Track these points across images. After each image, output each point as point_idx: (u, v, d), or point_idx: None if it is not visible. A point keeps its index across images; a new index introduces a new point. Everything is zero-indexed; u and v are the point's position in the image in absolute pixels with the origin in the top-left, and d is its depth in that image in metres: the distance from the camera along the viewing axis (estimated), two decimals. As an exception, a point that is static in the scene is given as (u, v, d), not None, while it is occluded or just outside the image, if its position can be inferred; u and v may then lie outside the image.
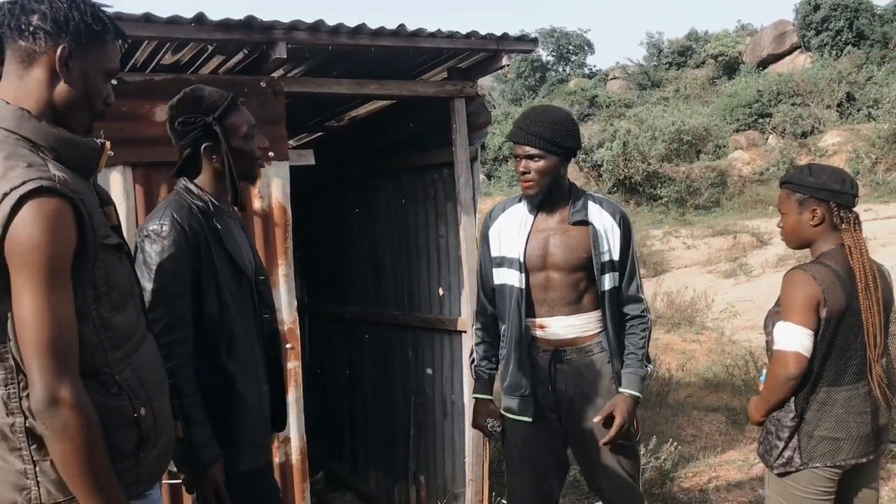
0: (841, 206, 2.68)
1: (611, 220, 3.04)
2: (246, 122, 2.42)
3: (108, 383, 1.76)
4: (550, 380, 3.05)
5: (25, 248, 1.57)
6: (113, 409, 1.75)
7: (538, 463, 3.12)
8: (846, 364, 2.65)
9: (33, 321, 1.58)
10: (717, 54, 30.69)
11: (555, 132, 2.91)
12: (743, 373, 7.31)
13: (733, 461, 5.48)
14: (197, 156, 2.38)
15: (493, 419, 3.15)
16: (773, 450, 2.73)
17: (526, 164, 2.95)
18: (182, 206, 2.33)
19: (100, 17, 1.77)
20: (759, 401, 2.76)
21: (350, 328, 6.05)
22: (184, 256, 2.25)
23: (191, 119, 2.34)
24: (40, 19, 1.70)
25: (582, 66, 40.42)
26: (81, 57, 1.75)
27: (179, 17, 3.41)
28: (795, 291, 2.62)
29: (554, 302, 3.02)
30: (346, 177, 5.91)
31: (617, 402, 2.99)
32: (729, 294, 11.49)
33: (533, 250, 3.00)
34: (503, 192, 24.21)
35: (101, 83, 1.81)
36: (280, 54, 3.62)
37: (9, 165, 1.61)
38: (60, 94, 1.75)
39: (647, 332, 3.09)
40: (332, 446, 6.37)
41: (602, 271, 2.99)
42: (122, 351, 1.80)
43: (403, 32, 3.89)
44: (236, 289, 2.39)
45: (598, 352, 3.05)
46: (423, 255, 5.08)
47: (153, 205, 3.56)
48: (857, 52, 25.69)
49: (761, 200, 19.17)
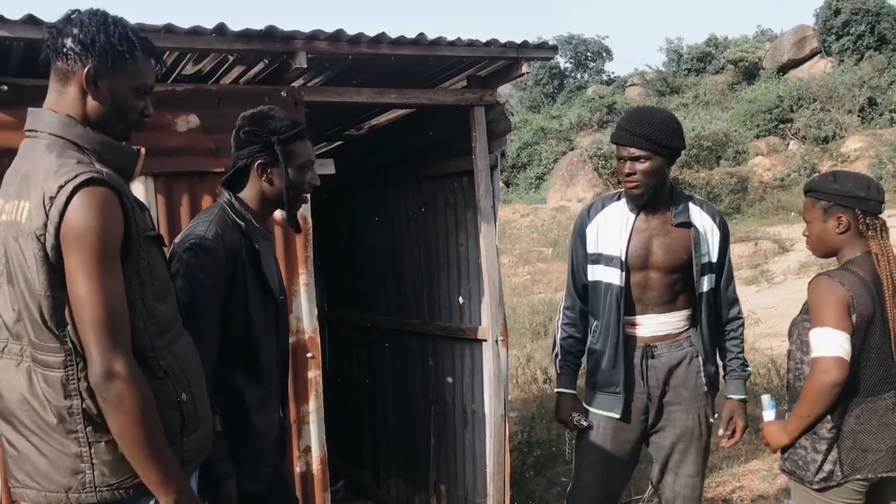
0: (867, 212, 2.65)
1: (711, 223, 3.11)
2: (306, 154, 2.47)
3: (154, 367, 1.87)
4: (643, 375, 3.09)
5: (79, 232, 1.72)
6: (159, 391, 1.85)
7: (614, 460, 3.15)
8: (883, 373, 2.60)
9: (88, 299, 1.72)
10: (736, 60, 30.47)
11: (661, 133, 2.94)
12: (766, 381, 7.22)
13: (757, 471, 5.42)
14: (247, 170, 2.42)
15: (578, 413, 3.17)
16: (810, 464, 2.64)
17: (632, 166, 2.97)
18: (226, 223, 2.35)
19: (127, 38, 1.91)
20: (794, 419, 2.65)
21: (370, 337, 6.04)
22: (221, 273, 2.28)
23: (257, 132, 2.39)
24: (72, 42, 1.86)
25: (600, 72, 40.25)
26: (109, 75, 1.89)
27: (201, 28, 3.43)
28: (825, 297, 2.57)
29: (650, 301, 3.07)
30: (366, 185, 5.91)
31: (733, 408, 3.17)
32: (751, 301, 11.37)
33: (635, 250, 3.04)
34: (522, 199, 24.18)
35: (131, 98, 1.95)
36: (300, 64, 3.63)
37: (61, 163, 1.78)
38: (91, 109, 1.90)
39: (743, 334, 3.23)
40: (352, 455, 6.35)
41: (702, 273, 3.05)
42: (166, 338, 1.92)
43: (423, 41, 3.88)
44: (262, 311, 2.40)
45: (686, 346, 3.10)
46: (444, 263, 5.07)
47: (174, 215, 3.59)
48: (879, 57, 25.41)
49: (782, 207, 19.00)
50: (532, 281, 14.66)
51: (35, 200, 1.75)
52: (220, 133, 3.63)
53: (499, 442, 4.45)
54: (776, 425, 2.78)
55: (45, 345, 1.80)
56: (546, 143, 27.61)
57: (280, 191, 2.41)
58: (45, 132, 1.86)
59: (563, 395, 3.21)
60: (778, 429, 2.75)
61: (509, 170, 27.10)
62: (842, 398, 2.57)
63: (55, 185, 1.74)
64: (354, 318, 6.27)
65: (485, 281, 4.48)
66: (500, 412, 4.45)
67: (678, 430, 3.11)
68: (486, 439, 4.53)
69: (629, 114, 3.10)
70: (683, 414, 3.12)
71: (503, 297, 4.58)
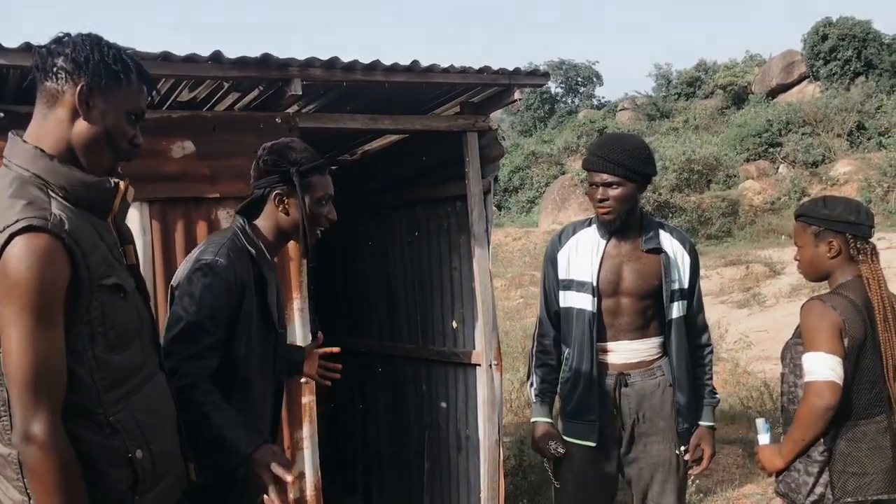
0: (857, 237, 2.67)
1: (681, 249, 3.11)
2: (325, 187, 2.45)
3: (101, 423, 1.75)
4: (615, 403, 3.07)
5: (12, 283, 1.60)
6: (106, 447, 1.74)
7: (593, 489, 3.12)
8: (874, 396, 2.62)
9: (16, 354, 1.60)
10: (725, 84, 30.76)
11: (633, 160, 2.95)
12: (758, 404, 7.23)
13: (751, 494, 5.41)
14: (263, 200, 2.41)
15: (554, 441, 3.12)
16: (801, 487, 2.66)
17: (604, 192, 2.97)
18: (236, 248, 2.33)
19: (121, 59, 1.83)
20: (789, 443, 2.67)
21: (364, 361, 6.02)
22: (228, 297, 2.25)
23: (277, 161, 2.37)
24: (63, 60, 1.77)
25: (591, 97, 40.56)
26: (102, 96, 1.79)
27: (197, 56, 3.47)
28: (817, 321, 2.59)
29: (621, 327, 3.06)
30: (360, 209, 5.93)
31: (702, 435, 3.12)
32: (743, 324, 11.39)
33: (606, 275, 3.04)
34: (514, 223, 24.25)
35: (123, 123, 1.85)
36: (295, 91, 3.67)
37: (9, 204, 1.66)
38: (79, 132, 1.79)
39: (712, 361, 3.21)
40: (346, 480, 6.32)
41: (671, 299, 3.04)
42: (119, 391, 1.79)
43: (417, 68, 3.93)
44: (261, 342, 2.38)
45: (659, 375, 3.09)
46: (437, 287, 5.08)
47: (170, 241, 3.61)
48: (867, 82, 25.70)
49: (773, 230, 19.09)
50: (524, 304, 14.65)
51: None
52: (215, 159, 3.67)
53: (493, 467, 4.44)
54: (771, 449, 2.79)
55: None
56: (537, 167, 27.76)
57: (296, 222, 2.40)
58: (14, 163, 1.75)
59: (539, 424, 3.17)
60: (773, 452, 2.76)
61: (501, 193, 27.21)
62: (834, 421, 2.59)
63: None
64: (348, 343, 6.26)
65: (478, 305, 4.49)
66: (495, 437, 4.44)
67: (655, 461, 3.08)
68: (480, 465, 4.52)
69: (601, 140, 3.11)
70: (660, 445, 3.09)
71: (497, 321, 4.59)
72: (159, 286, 3.55)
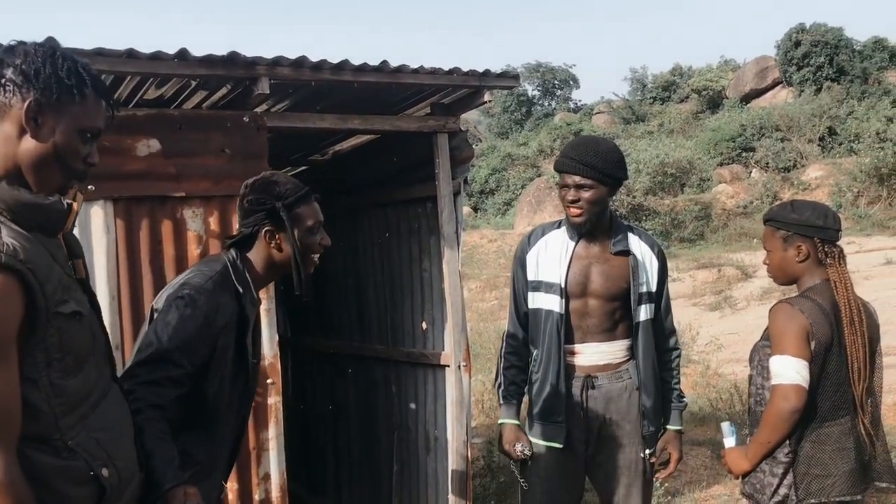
0: (825, 241, 2.70)
1: (649, 252, 3.14)
2: (314, 215, 2.41)
3: (59, 448, 1.69)
4: (582, 406, 3.07)
5: None
6: (64, 468, 1.69)
7: (559, 491, 3.12)
8: (839, 399, 2.64)
9: None
10: (700, 89, 31.04)
11: (606, 163, 2.97)
12: (728, 406, 7.28)
13: (719, 496, 5.45)
14: (254, 236, 2.37)
15: (521, 443, 3.11)
16: (766, 487, 2.68)
17: (576, 193, 2.98)
18: (225, 285, 2.28)
19: (76, 72, 1.71)
20: (755, 445, 2.70)
21: (334, 362, 6.00)
22: (206, 333, 2.20)
23: (261, 199, 2.33)
24: (13, 72, 1.65)
25: (567, 100, 40.76)
26: (53, 112, 1.68)
27: (162, 53, 3.43)
28: (785, 324, 2.62)
29: (589, 328, 3.08)
30: (330, 210, 5.85)
31: (669, 438, 3.15)
32: (714, 327, 11.48)
33: (574, 276, 3.05)
34: (490, 225, 24.29)
35: (76, 141, 1.72)
36: (263, 90, 3.64)
37: None
38: (27, 149, 1.67)
39: (679, 365, 3.24)
40: (314, 482, 6.28)
41: (639, 302, 3.06)
42: (76, 414, 1.73)
43: (386, 68, 3.91)
44: (231, 381, 2.33)
45: (626, 379, 3.10)
46: (407, 288, 5.07)
47: (134, 239, 3.57)
48: (838, 88, 26.03)
49: (745, 233, 19.27)
50: (499, 306, 14.67)
51: None
52: (181, 157, 3.63)
53: (461, 468, 4.44)
54: (737, 451, 2.81)
55: None
56: (514, 170, 27.84)
57: (289, 257, 2.37)
58: None
59: (506, 426, 3.17)
60: (739, 455, 2.78)
61: (477, 195, 27.25)
62: (799, 423, 2.61)
63: None
64: (318, 344, 6.23)
65: (448, 307, 4.48)
66: (463, 438, 4.44)
67: (621, 464, 3.10)
68: (449, 466, 4.52)
69: (574, 143, 3.12)
70: (626, 448, 3.10)
71: (466, 322, 4.59)
72: (123, 286, 3.51)
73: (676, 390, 3.20)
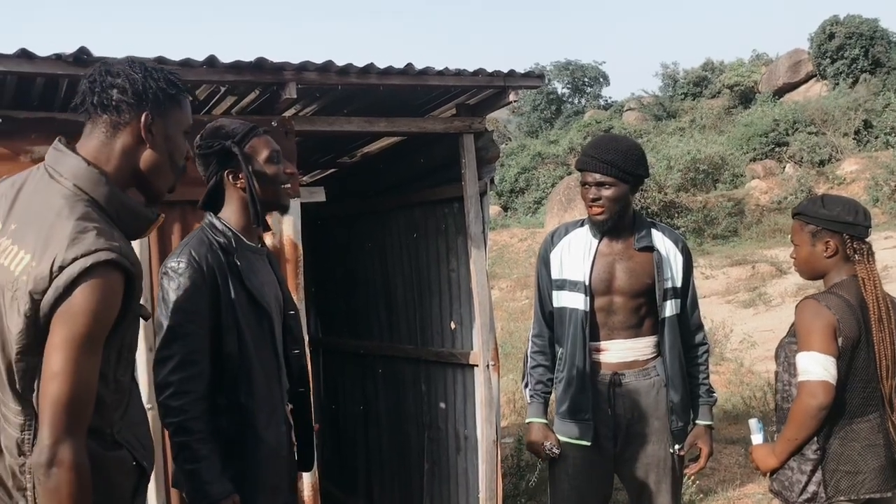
0: (854, 237, 2.68)
1: (673, 248, 3.13)
2: (268, 146, 2.40)
3: (108, 440, 1.81)
4: (609, 403, 3.08)
5: (77, 311, 1.63)
6: (116, 458, 1.81)
7: (588, 489, 3.13)
8: (867, 395, 2.63)
9: (57, 377, 1.62)
10: (732, 84, 30.68)
11: (626, 160, 2.99)
12: (761, 404, 7.22)
13: (752, 494, 5.41)
14: (221, 186, 2.39)
15: (550, 442, 3.13)
16: (794, 485, 2.67)
17: (597, 191, 3.00)
18: (202, 243, 2.31)
19: (172, 81, 1.88)
20: (782, 442, 2.68)
21: (364, 362, 6.05)
22: (200, 294, 2.24)
23: (210, 143, 2.35)
24: (121, 93, 1.80)
25: (597, 97, 40.51)
26: (162, 121, 1.85)
27: (191, 60, 3.49)
28: (812, 320, 2.60)
29: (615, 325, 3.08)
30: (359, 211, 5.96)
31: (698, 433, 3.15)
32: (748, 324, 11.38)
33: (599, 274, 3.06)
34: (520, 224, 24.23)
35: (181, 141, 1.93)
36: (290, 94, 3.69)
37: (81, 228, 1.67)
38: (147, 159, 1.85)
39: (708, 360, 3.23)
40: (346, 481, 6.34)
41: (664, 298, 3.06)
42: (121, 409, 1.85)
43: (411, 71, 3.94)
44: (255, 325, 2.35)
45: (654, 375, 3.10)
46: (435, 288, 5.10)
47: (166, 243, 3.64)
48: (873, 80, 25.59)
49: (779, 229, 19.01)
50: (530, 305, 14.61)
51: (42, 261, 1.64)
52: (211, 162, 3.68)
53: (491, 467, 4.46)
54: (765, 448, 2.80)
55: (7, 403, 1.75)
56: (544, 168, 27.72)
57: (257, 191, 2.36)
58: (69, 181, 1.74)
59: (534, 425, 3.18)
60: (767, 452, 2.77)
61: (507, 194, 27.18)
62: (827, 420, 2.60)
63: (70, 254, 1.63)
64: (348, 344, 6.29)
65: (476, 306, 4.51)
66: (493, 437, 4.46)
67: (650, 461, 3.10)
68: (479, 465, 4.54)
69: (595, 141, 3.14)
70: (655, 445, 3.10)
71: (494, 322, 4.61)
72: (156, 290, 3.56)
73: (705, 385, 3.19)
